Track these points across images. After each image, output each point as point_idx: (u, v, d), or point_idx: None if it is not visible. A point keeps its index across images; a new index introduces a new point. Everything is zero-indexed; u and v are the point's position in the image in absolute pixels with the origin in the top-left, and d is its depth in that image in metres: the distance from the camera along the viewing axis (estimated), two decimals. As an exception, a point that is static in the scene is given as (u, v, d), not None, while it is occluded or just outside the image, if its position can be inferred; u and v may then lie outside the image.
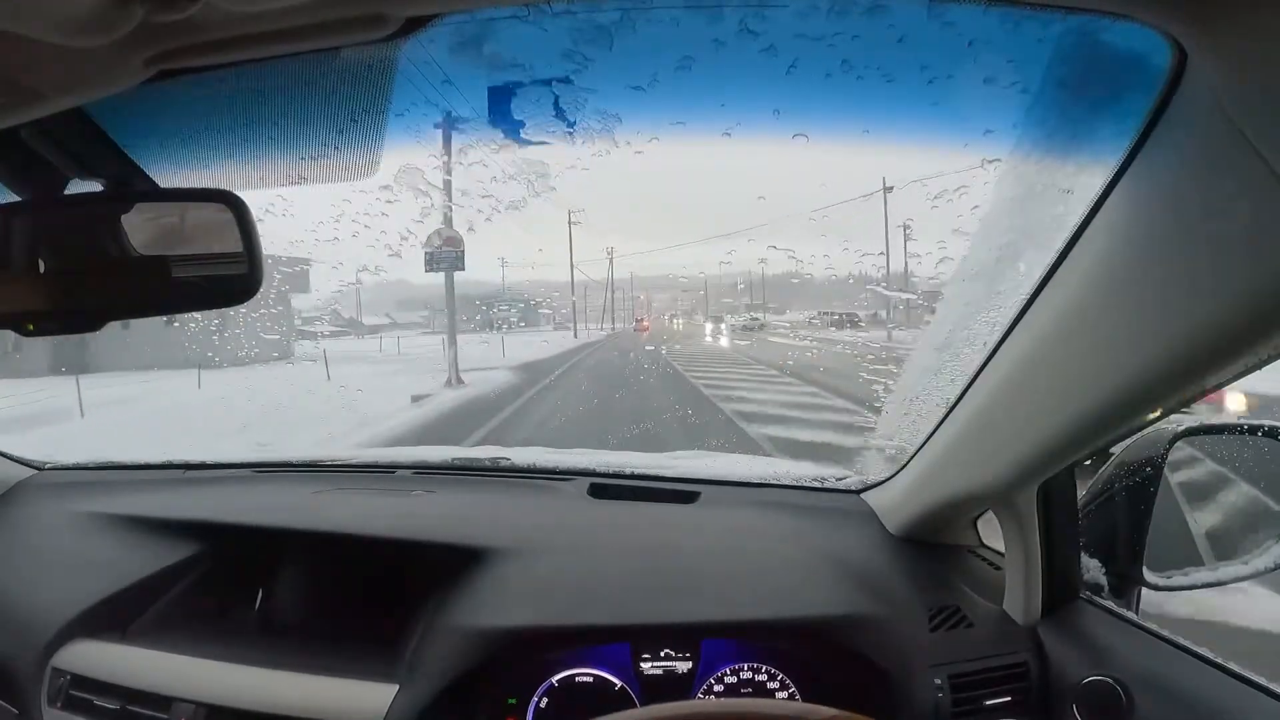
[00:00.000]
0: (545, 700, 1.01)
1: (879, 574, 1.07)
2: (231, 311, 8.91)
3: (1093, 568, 0.97)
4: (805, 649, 1.02)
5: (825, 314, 28.51)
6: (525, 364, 14.21)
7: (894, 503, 1.15)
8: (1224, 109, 0.45)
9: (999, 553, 1.03)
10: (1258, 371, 0.56)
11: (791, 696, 1.02)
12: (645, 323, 37.21)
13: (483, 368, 12.99)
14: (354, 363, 15.24)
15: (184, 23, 0.41)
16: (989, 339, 0.82)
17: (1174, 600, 1.00)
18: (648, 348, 19.27)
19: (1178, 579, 0.94)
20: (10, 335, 0.65)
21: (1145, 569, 0.92)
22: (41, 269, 0.64)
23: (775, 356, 15.01)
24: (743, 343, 22.44)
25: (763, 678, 1.03)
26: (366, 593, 1.18)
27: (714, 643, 1.02)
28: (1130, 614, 0.92)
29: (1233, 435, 1.03)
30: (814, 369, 12.06)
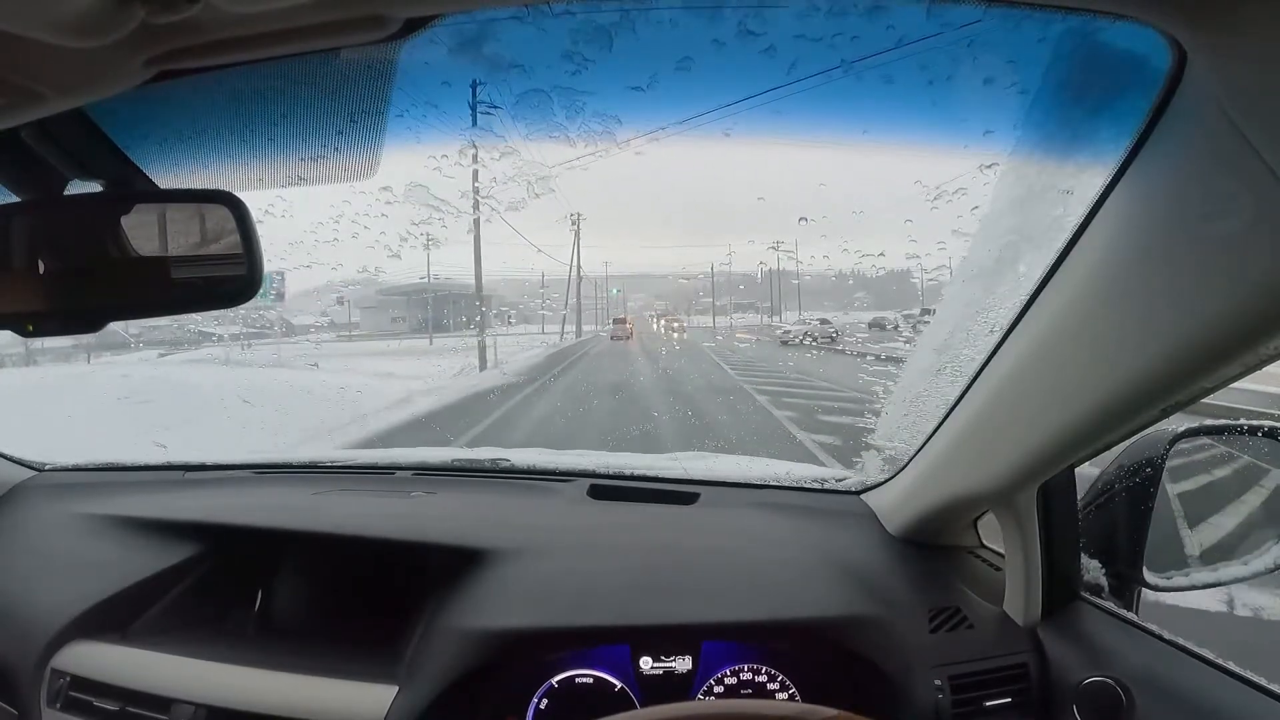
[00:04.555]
0: (545, 701, 1.01)
1: (879, 575, 1.07)
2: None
3: (1093, 568, 0.97)
4: (805, 650, 1.02)
5: (908, 315, 14.68)
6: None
7: (894, 504, 1.15)
8: (1224, 109, 0.45)
9: (999, 554, 1.03)
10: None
11: (792, 697, 1.02)
12: (629, 323, 25.42)
13: None
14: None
15: (184, 24, 0.40)
16: (989, 340, 0.82)
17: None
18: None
19: (1178, 579, 0.94)
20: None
21: (1145, 569, 0.92)
22: (41, 269, 0.64)
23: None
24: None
25: (763, 679, 1.03)
26: (366, 594, 1.18)
27: (714, 644, 1.02)
28: (1130, 614, 0.92)
29: (1233, 436, 1.03)
30: None
